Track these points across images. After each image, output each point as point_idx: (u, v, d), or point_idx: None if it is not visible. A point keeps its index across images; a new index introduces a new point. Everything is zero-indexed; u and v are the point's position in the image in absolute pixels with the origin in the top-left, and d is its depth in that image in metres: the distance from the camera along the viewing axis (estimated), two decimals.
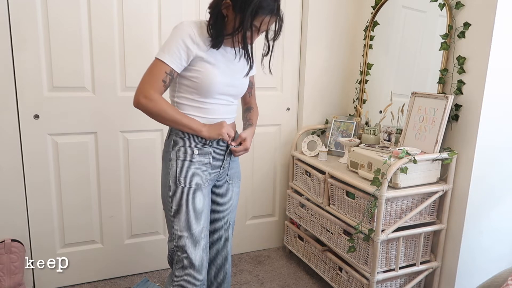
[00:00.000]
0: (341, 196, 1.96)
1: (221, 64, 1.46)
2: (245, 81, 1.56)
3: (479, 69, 1.73)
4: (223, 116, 1.52)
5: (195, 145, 1.46)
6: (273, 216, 2.62)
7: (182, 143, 1.46)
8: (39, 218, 2.03)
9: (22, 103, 1.91)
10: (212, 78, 1.42)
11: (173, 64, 1.36)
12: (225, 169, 1.57)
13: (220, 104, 1.50)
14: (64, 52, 1.93)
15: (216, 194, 1.60)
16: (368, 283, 1.83)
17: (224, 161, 1.54)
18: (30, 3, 1.83)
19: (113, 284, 2.20)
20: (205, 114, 1.48)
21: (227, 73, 1.47)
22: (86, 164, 2.08)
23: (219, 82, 1.44)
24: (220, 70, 1.44)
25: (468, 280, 1.93)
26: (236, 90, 1.54)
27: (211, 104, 1.47)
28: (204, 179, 1.48)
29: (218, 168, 1.54)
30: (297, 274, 2.35)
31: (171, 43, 1.35)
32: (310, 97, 2.46)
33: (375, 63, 2.33)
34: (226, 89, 1.48)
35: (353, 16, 2.46)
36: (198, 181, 1.46)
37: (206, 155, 1.48)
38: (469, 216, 1.84)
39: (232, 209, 1.65)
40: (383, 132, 2.07)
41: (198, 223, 1.45)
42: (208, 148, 1.48)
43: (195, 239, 1.44)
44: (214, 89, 1.44)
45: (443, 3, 1.85)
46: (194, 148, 1.46)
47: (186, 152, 1.46)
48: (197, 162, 1.47)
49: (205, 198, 1.49)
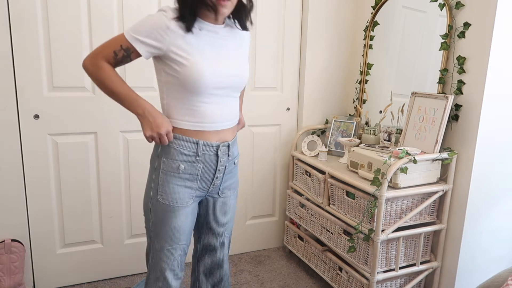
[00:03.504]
0: (341, 196, 1.96)
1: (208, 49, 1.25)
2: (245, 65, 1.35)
3: (479, 69, 1.73)
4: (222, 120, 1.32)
5: (181, 158, 1.30)
6: (273, 216, 2.63)
7: (169, 154, 1.30)
8: (39, 218, 2.03)
9: (22, 103, 1.91)
10: (198, 68, 1.22)
11: (134, 42, 1.21)
12: (218, 184, 1.40)
13: (215, 103, 1.29)
14: (64, 52, 1.93)
15: (207, 209, 1.46)
16: (368, 283, 1.83)
17: (214, 178, 1.37)
18: (30, 3, 1.83)
19: (113, 284, 2.20)
20: (197, 118, 1.28)
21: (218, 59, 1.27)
22: (86, 164, 2.08)
23: (208, 72, 1.23)
24: (206, 57, 1.24)
25: (468, 280, 1.93)
26: (236, 79, 1.31)
27: (205, 104, 1.27)
28: (188, 197, 1.34)
29: (208, 185, 1.37)
30: (297, 274, 2.35)
31: (141, 24, 1.22)
32: (310, 97, 2.46)
33: (375, 63, 2.33)
34: (221, 80, 1.27)
35: (353, 16, 2.46)
36: (181, 199, 1.32)
37: (193, 171, 1.32)
38: (469, 216, 1.84)
39: (227, 222, 1.50)
40: (383, 132, 2.07)
41: (175, 241, 1.36)
42: (195, 164, 1.31)
43: (170, 255, 1.37)
44: (204, 83, 1.23)
45: (443, 3, 1.85)
46: (180, 163, 1.30)
47: (170, 166, 1.30)
48: (182, 178, 1.31)
49: (187, 216, 1.35)
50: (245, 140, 2.41)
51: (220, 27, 1.30)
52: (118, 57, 1.23)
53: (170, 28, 1.21)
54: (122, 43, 1.22)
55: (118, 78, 1.25)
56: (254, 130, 2.43)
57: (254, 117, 2.40)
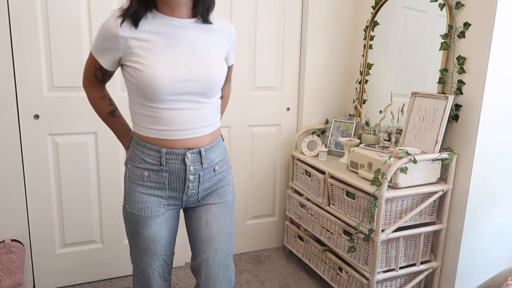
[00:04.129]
0: (341, 196, 1.96)
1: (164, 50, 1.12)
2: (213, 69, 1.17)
3: (479, 69, 1.73)
4: (189, 127, 1.18)
5: (145, 166, 1.20)
6: (273, 216, 2.63)
7: (134, 160, 1.22)
8: (39, 218, 2.03)
9: (22, 103, 1.91)
10: (152, 74, 1.10)
11: (97, 57, 1.17)
12: (193, 193, 1.26)
13: (179, 109, 1.16)
14: (64, 52, 1.93)
15: (187, 218, 1.33)
16: (368, 283, 1.83)
17: (185, 187, 1.24)
18: (30, 3, 1.83)
19: (113, 284, 2.20)
20: (159, 125, 1.16)
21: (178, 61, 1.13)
22: (86, 164, 2.08)
23: (163, 77, 1.10)
24: (162, 59, 1.11)
25: (468, 280, 1.93)
26: (198, 84, 1.15)
27: (165, 111, 1.15)
28: (158, 206, 1.23)
29: (179, 194, 1.24)
30: (297, 274, 2.35)
31: (97, 36, 1.16)
32: (310, 97, 2.46)
33: (375, 63, 2.33)
34: (180, 87, 1.13)
35: (353, 16, 2.46)
36: (148, 208, 1.22)
37: (158, 180, 1.21)
38: (469, 216, 1.84)
39: (212, 235, 1.26)
40: (383, 132, 2.07)
41: (152, 253, 1.26)
42: (160, 173, 1.20)
43: (149, 267, 1.27)
44: (160, 89, 1.11)
45: (443, 3, 1.85)
46: (144, 170, 1.20)
47: (135, 173, 1.21)
48: (148, 187, 1.22)
49: (160, 226, 1.24)
50: (245, 140, 2.42)
51: (184, 21, 1.17)
52: (99, 77, 1.23)
53: (119, 34, 1.11)
54: (94, 64, 1.20)
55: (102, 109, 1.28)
56: (254, 130, 2.43)
57: (254, 117, 2.40)
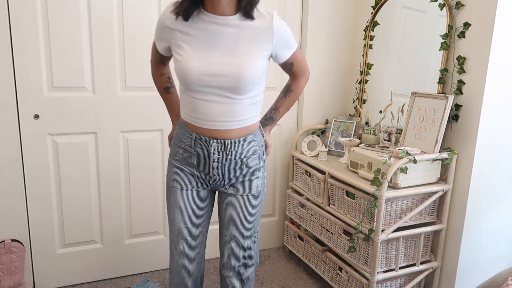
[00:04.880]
0: (341, 196, 1.96)
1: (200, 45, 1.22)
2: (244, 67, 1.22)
3: (479, 69, 1.73)
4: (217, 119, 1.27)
5: (182, 145, 1.36)
6: (273, 216, 2.62)
7: (176, 138, 1.39)
8: (39, 218, 2.03)
9: (22, 103, 1.91)
10: (186, 67, 1.22)
11: (157, 44, 1.35)
12: (219, 179, 1.37)
13: (209, 101, 1.25)
14: (64, 52, 1.93)
15: (218, 202, 1.47)
16: (368, 283, 1.83)
17: (210, 172, 1.35)
18: (30, 3, 1.83)
19: (113, 284, 2.20)
20: (192, 112, 1.29)
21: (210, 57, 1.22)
22: (86, 164, 2.08)
23: (194, 70, 1.21)
24: (197, 53, 1.22)
25: (468, 280, 1.93)
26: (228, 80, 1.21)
27: (197, 100, 1.26)
28: (188, 180, 1.37)
29: (206, 175, 1.36)
30: (297, 274, 2.35)
31: (156, 25, 1.33)
32: (310, 97, 2.46)
33: (375, 63, 2.33)
34: (209, 80, 1.22)
35: (353, 16, 2.46)
36: (180, 180, 1.38)
37: (189, 159, 1.35)
38: (469, 216, 1.84)
39: (235, 221, 1.39)
40: (383, 132, 2.07)
41: (178, 223, 1.39)
42: (191, 154, 1.34)
43: (175, 237, 1.40)
44: (191, 81, 1.22)
45: (443, 3, 1.85)
46: (180, 149, 1.36)
47: (174, 150, 1.40)
48: (182, 163, 1.37)
49: (187, 199, 1.38)
50: None
51: (226, 18, 1.23)
52: (158, 58, 1.41)
53: (168, 26, 1.26)
54: (155, 47, 1.38)
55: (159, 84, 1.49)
56: None
57: None
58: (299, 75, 1.43)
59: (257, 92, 1.31)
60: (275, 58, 1.34)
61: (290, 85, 1.45)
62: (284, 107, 1.48)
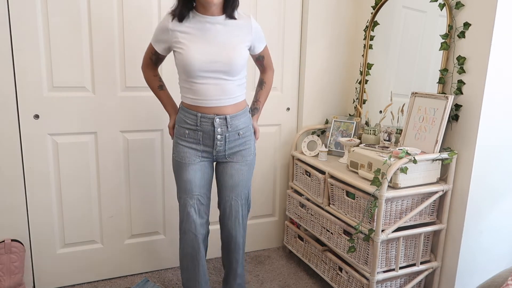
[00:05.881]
0: (341, 196, 1.96)
1: (198, 39, 1.56)
2: (232, 53, 1.58)
3: (479, 69, 1.73)
4: (216, 98, 1.60)
5: (186, 126, 1.65)
6: (273, 216, 2.62)
7: (180, 121, 1.68)
8: (39, 218, 2.03)
9: (22, 103, 1.91)
10: (188, 59, 1.55)
11: (155, 45, 1.66)
12: (221, 149, 1.68)
13: (209, 84, 1.58)
14: (64, 52, 1.93)
15: (218, 171, 1.77)
16: (368, 283, 1.83)
17: (215, 144, 1.66)
18: (30, 3, 1.83)
19: (113, 284, 2.20)
20: (195, 95, 1.61)
21: (206, 47, 1.56)
22: (86, 164, 2.08)
23: (195, 60, 1.54)
24: (196, 46, 1.55)
25: (468, 280, 1.93)
26: (222, 65, 1.57)
27: (198, 85, 1.59)
28: (194, 156, 1.68)
29: (210, 149, 1.68)
30: (297, 274, 2.35)
31: (155, 31, 1.65)
32: (310, 97, 2.46)
33: (375, 63, 2.33)
34: (207, 66, 1.56)
35: (353, 16, 2.46)
36: (187, 157, 1.67)
37: (196, 137, 1.66)
38: (469, 216, 1.84)
39: (234, 184, 1.72)
40: (383, 132, 2.07)
41: (189, 192, 1.68)
42: (197, 132, 1.65)
43: (187, 203, 1.69)
44: (194, 67, 1.55)
45: (443, 3, 1.85)
46: (185, 129, 1.66)
47: (179, 131, 1.68)
48: (188, 142, 1.67)
49: (195, 172, 1.68)
50: None
51: (215, 18, 1.59)
52: (153, 60, 1.71)
53: (169, 28, 1.59)
54: (151, 50, 1.69)
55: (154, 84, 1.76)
56: None
57: None
58: (267, 68, 1.83)
59: (242, 75, 1.67)
60: (252, 50, 1.71)
61: (262, 78, 1.85)
62: (263, 97, 1.84)
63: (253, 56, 1.77)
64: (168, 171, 2.24)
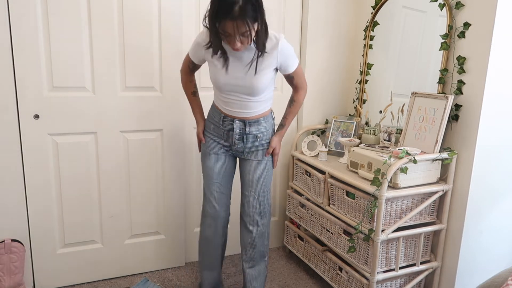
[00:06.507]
0: (341, 196, 1.96)
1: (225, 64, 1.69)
2: (254, 80, 1.69)
3: (479, 69, 1.73)
4: (238, 110, 1.77)
5: (213, 121, 1.86)
6: (273, 216, 2.62)
7: (209, 117, 1.89)
8: (39, 218, 2.03)
9: (22, 103, 1.91)
10: (216, 77, 1.73)
11: (192, 58, 1.81)
12: (239, 147, 1.83)
13: (233, 99, 1.75)
14: (64, 52, 1.93)
15: (240, 168, 1.92)
16: (368, 283, 1.83)
17: (233, 141, 1.82)
18: (30, 3, 1.83)
19: (113, 284, 2.20)
20: (224, 105, 1.79)
21: (232, 73, 1.69)
22: (86, 164, 2.08)
23: (221, 81, 1.72)
24: (223, 71, 1.69)
25: (468, 280, 1.94)
26: (244, 89, 1.71)
27: (226, 98, 1.76)
28: (217, 147, 1.87)
29: (230, 144, 1.84)
30: (297, 274, 2.35)
31: (192, 44, 1.77)
32: (310, 97, 2.45)
33: (375, 63, 2.33)
34: (231, 88, 1.72)
35: (353, 16, 2.46)
36: (211, 147, 1.87)
37: (218, 132, 1.85)
38: (469, 216, 1.84)
39: (252, 180, 1.85)
40: (383, 132, 2.07)
41: (209, 178, 1.88)
42: (220, 128, 1.83)
43: (208, 189, 1.89)
44: (220, 87, 1.74)
45: (443, 3, 1.85)
46: (212, 124, 1.86)
47: (208, 125, 1.89)
48: (213, 134, 1.87)
49: (216, 161, 1.87)
50: None
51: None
52: (191, 68, 1.86)
53: (203, 45, 1.70)
54: (189, 59, 1.83)
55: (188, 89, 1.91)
56: None
57: None
58: (299, 87, 1.85)
59: (266, 93, 1.78)
60: (281, 70, 1.76)
61: (293, 96, 1.88)
62: (290, 116, 1.91)
63: (284, 75, 1.81)
64: (168, 171, 2.24)
